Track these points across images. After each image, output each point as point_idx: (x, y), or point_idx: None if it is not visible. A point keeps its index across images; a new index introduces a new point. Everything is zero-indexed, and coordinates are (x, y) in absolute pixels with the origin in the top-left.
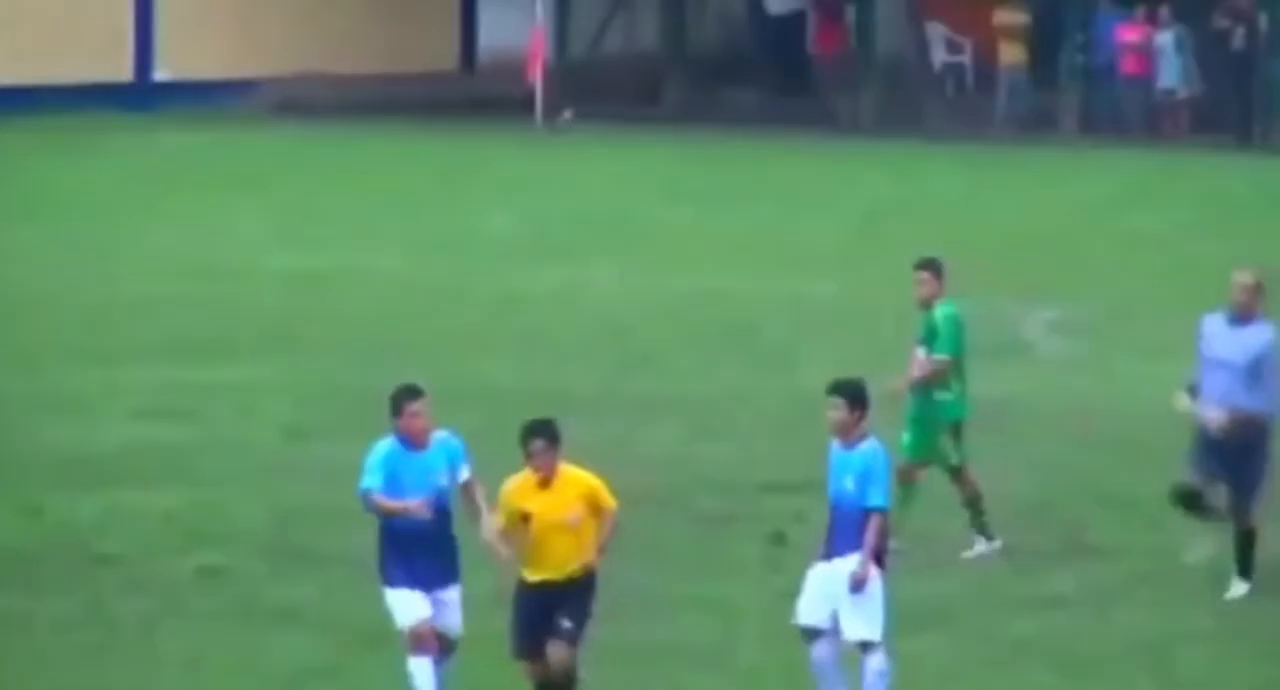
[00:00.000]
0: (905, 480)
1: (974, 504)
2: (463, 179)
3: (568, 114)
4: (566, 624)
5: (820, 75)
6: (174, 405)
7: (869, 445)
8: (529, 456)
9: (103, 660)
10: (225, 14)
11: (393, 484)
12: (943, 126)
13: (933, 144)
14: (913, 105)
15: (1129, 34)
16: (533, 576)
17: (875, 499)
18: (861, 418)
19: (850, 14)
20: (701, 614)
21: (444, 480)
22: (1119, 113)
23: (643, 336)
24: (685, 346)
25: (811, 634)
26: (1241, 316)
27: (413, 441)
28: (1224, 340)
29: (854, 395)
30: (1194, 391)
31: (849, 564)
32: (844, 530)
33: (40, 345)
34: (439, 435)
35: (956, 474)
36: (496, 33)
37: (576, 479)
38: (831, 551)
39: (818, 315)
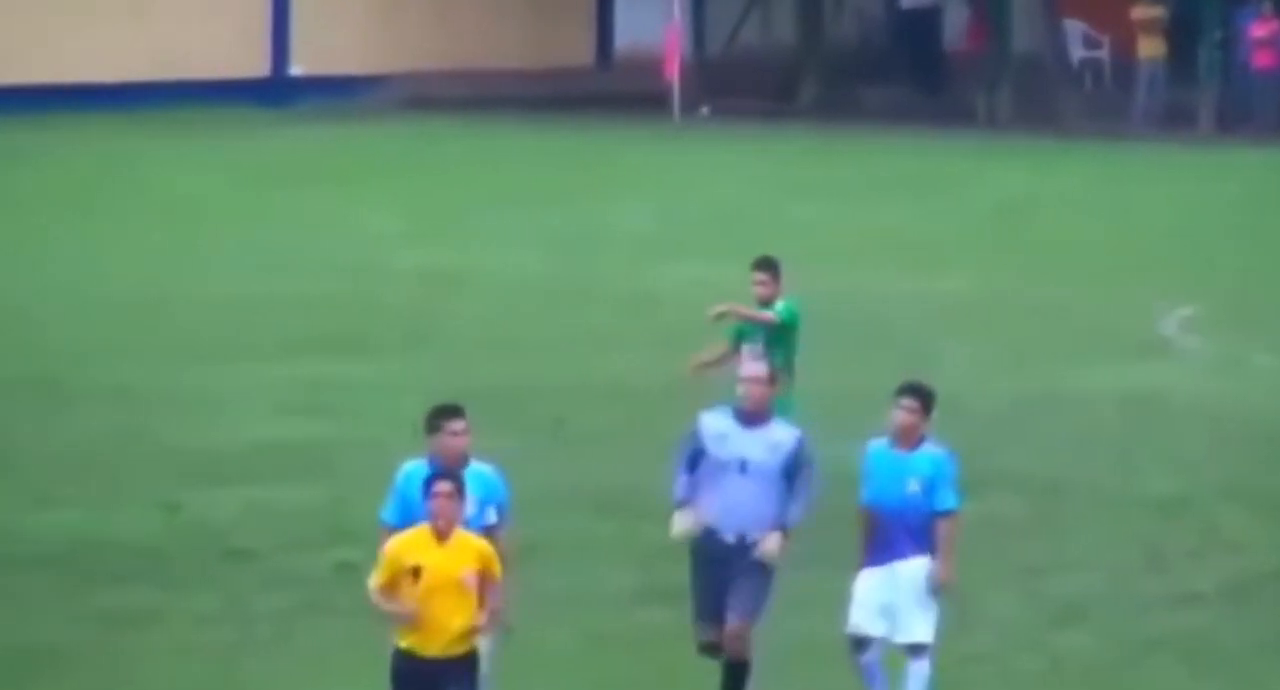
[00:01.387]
0: None
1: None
2: (597, 175)
3: (705, 110)
4: None
5: (957, 71)
6: (309, 402)
7: (931, 448)
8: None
9: (240, 655)
10: (360, 9)
11: (407, 511)
12: (1079, 122)
13: (1069, 140)
14: (1049, 101)
15: (1260, 29)
16: (407, 643)
17: (950, 502)
18: (927, 421)
19: (987, 10)
20: None
21: (471, 509)
22: (1251, 108)
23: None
24: (820, 343)
25: (863, 643)
26: None
27: (445, 464)
28: None
29: (927, 398)
30: None
31: (911, 567)
32: (902, 534)
33: (176, 342)
34: (478, 466)
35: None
36: (633, 29)
37: (470, 538)
38: (887, 556)
39: (953, 312)
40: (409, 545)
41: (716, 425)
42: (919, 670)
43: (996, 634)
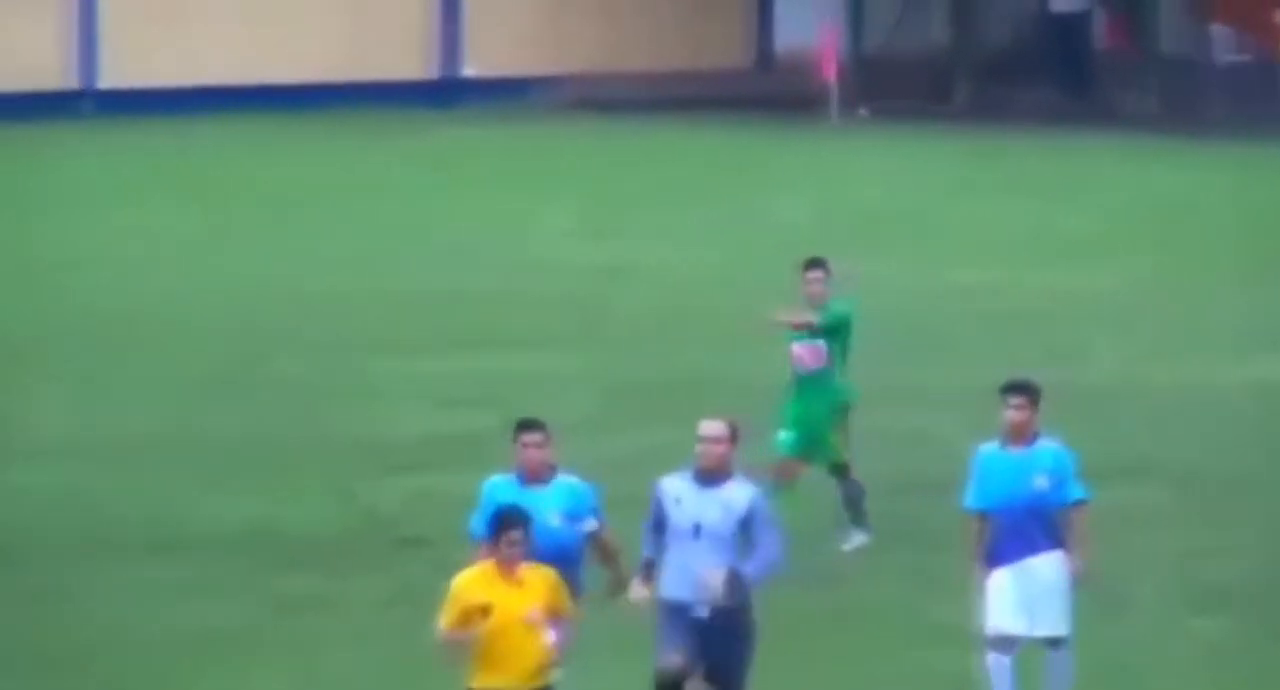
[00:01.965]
0: (784, 479)
1: (858, 501)
2: (758, 174)
3: (863, 111)
4: None
5: (1105, 73)
6: (479, 395)
7: (1048, 442)
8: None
9: (414, 640)
10: (529, 13)
11: None
12: (1224, 124)
13: (1213, 140)
14: (1195, 102)
15: None
16: (479, 684)
17: (1080, 492)
18: (1037, 415)
19: (1135, 13)
20: None
21: (555, 521)
22: None
23: (932, 328)
24: (974, 338)
25: (1006, 643)
26: None
27: (527, 475)
28: None
29: (1034, 393)
30: None
31: (1045, 561)
32: (1033, 530)
33: (348, 336)
34: (565, 478)
35: (844, 471)
36: (792, 31)
37: (539, 573)
38: (1018, 553)
39: (1101, 306)
40: (476, 583)
41: (674, 489)
42: (1060, 662)
43: (1145, 620)
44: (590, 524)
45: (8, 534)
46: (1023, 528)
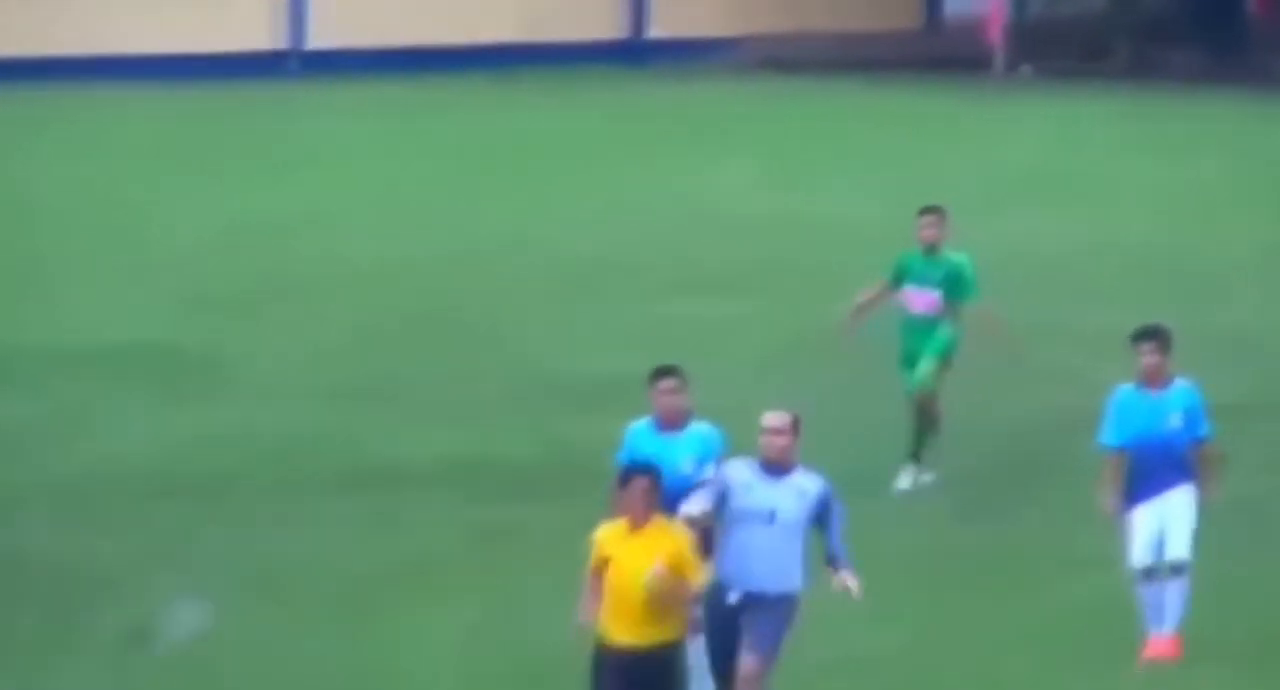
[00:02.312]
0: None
1: (932, 429)
2: (928, 131)
3: (1026, 69)
4: None
5: (1256, 37)
6: (666, 336)
7: (1181, 383)
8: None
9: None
10: None
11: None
12: None
13: None
14: None
15: None
16: (600, 632)
17: (1208, 428)
18: (1169, 359)
19: None
20: None
21: (687, 467)
22: None
23: (1090, 277)
24: (1129, 285)
25: (1148, 573)
26: None
27: (662, 422)
28: None
29: (1165, 338)
30: None
31: (1178, 494)
32: (1167, 466)
33: (549, 282)
34: (698, 426)
35: (930, 402)
36: None
37: (669, 531)
38: (1157, 489)
39: (1249, 257)
40: (608, 536)
41: (742, 475)
42: (1180, 588)
43: None
44: (711, 469)
45: (224, 469)
46: (1157, 464)
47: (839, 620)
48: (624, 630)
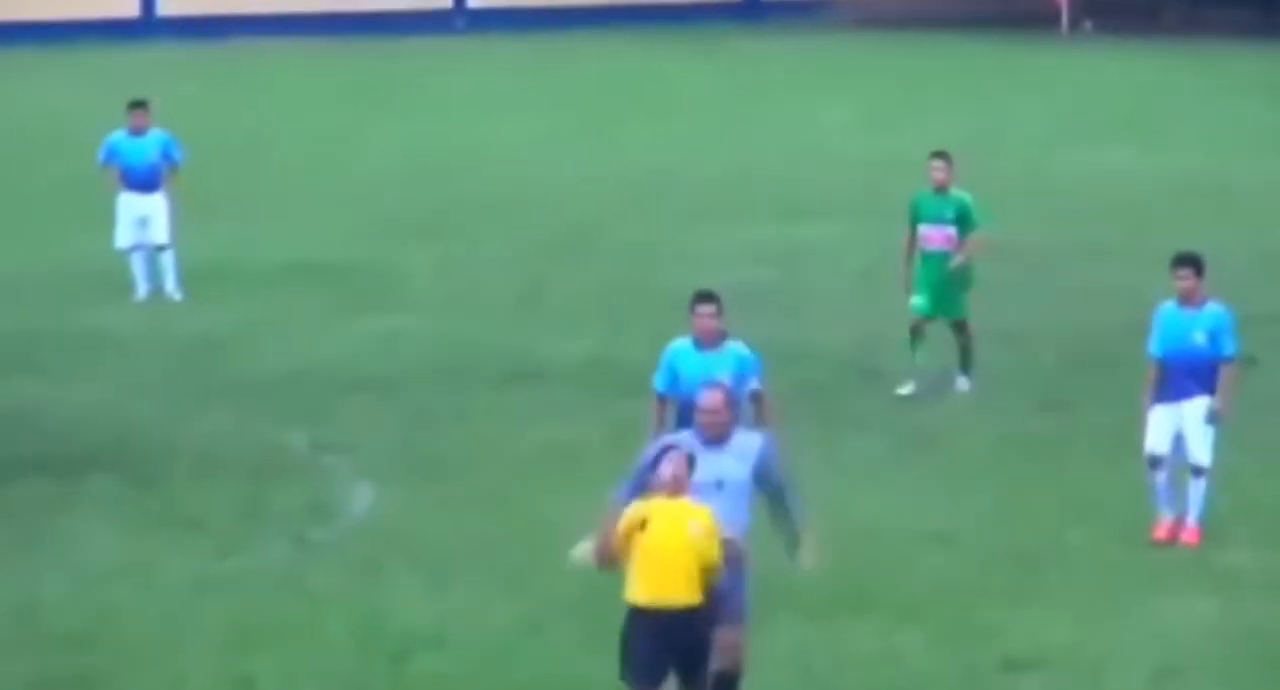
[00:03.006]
0: (918, 333)
1: (969, 351)
2: (1003, 80)
3: (1088, 25)
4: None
5: None
6: (775, 255)
7: (1213, 306)
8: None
9: None
10: None
11: (674, 380)
12: None
13: None
14: None
15: None
16: (633, 597)
17: (1231, 348)
18: (1202, 283)
19: None
20: None
21: (725, 378)
22: None
23: (1147, 204)
24: (1180, 212)
25: (1157, 461)
26: None
27: (702, 341)
28: None
29: (1199, 264)
30: None
31: (1196, 403)
32: (1189, 377)
33: (673, 209)
34: (734, 345)
35: (964, 326)
36: None
37: (701, 512)
38: (1177, 395)
39: None
40: (646, 505)
41: (686, 446)
42: (1199, 487)
43: None
44: (754, 383)
45: (399, 369)
46: (1180, 374)
47: (926, 496)
48: (663, 591)
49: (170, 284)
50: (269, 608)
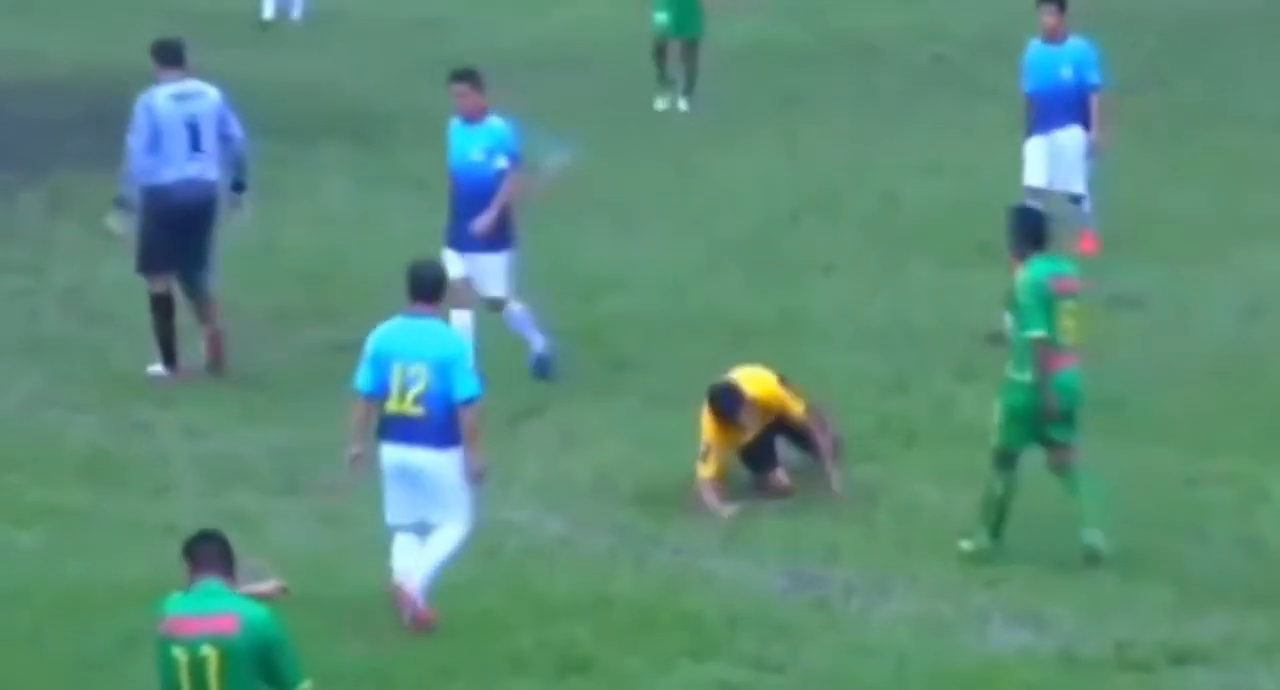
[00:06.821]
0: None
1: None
2: None
3: None
4: None
5: None
6: None
7: (1075, 40)
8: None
9: None
10: None
11: (450, 151)
12: None
13: None
14: None
15: None
16: None
17: (1096, 78)
18: (1063, 19)
19: None
20: None
21: (478, 156)
22: None
23: None
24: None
25: (1037, 193)
26: None
27: (465, 116)
28: None
29: (1062, 1)
30: None
31: (1068, 134)
32: (1059, 110)
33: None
34: (494, 119)
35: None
36: None
37: None
38: (1048, 127)
39: None
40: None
41: None
42: (1082, 213)
43: None
44: (500, 162)
45: (585, 51)
46: (1050, 108)
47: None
48: None
49: None
50: None
